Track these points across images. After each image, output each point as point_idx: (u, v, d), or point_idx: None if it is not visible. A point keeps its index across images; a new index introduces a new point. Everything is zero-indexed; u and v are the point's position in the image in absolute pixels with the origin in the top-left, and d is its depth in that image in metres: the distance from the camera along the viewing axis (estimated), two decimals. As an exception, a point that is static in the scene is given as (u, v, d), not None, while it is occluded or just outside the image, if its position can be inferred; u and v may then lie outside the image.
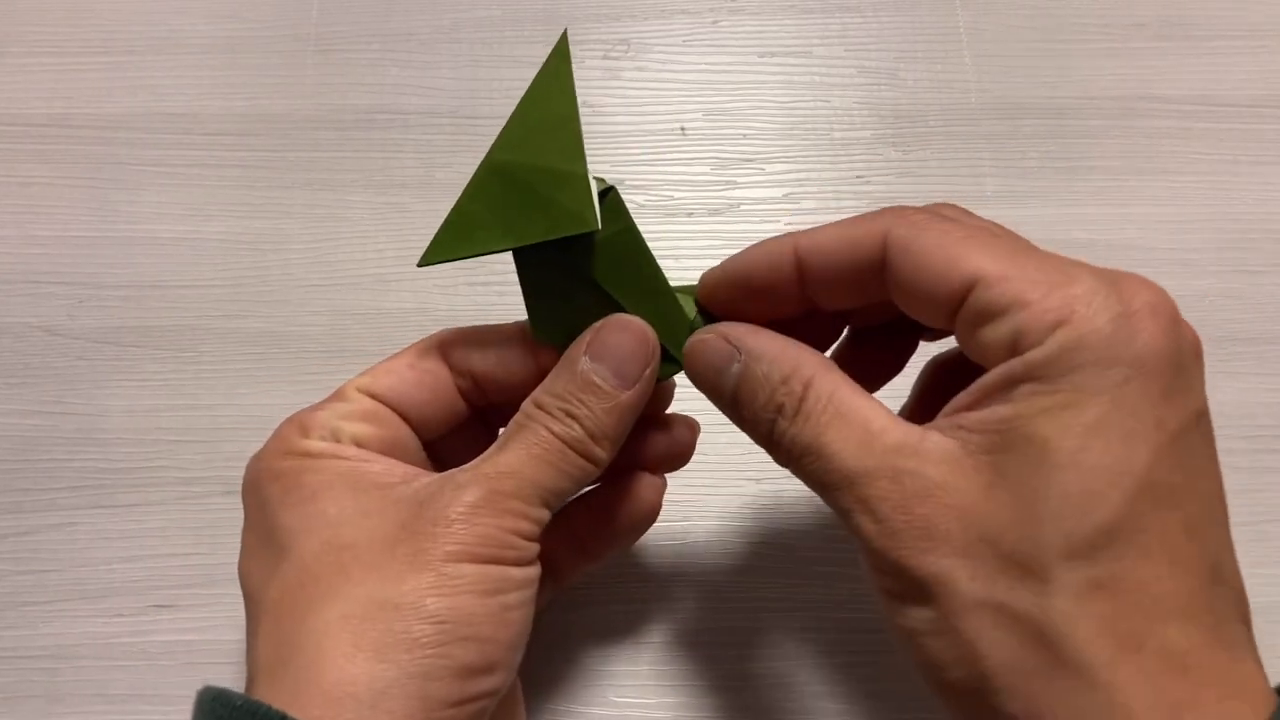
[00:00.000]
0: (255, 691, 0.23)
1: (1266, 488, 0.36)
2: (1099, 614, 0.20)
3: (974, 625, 0.21)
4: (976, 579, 0.21)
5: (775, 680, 0.34)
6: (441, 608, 0.23)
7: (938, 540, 0.22)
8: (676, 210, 0.41)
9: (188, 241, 0.40)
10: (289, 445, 0.26)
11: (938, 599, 0.21)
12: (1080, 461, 0.21)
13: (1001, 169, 0.41)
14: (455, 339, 0.28)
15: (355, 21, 0.44)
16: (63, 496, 0.37)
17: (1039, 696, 0.20)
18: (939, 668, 0.22)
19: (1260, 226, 0.40)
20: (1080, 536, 0.20)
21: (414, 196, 0.41)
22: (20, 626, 0.35)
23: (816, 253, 0.25)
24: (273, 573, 0.24)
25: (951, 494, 0.22)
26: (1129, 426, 0.21)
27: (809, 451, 0.24)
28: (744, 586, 0.35)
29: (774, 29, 0.44)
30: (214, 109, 0.42)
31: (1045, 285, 0.22)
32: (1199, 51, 0.43)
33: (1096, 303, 0.21)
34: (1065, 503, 0.20)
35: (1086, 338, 0.21)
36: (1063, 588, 0.20)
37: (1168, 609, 0.20)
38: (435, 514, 0.24)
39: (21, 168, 0.41)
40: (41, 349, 0.39)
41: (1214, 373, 0.37)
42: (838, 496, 0.23)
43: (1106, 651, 0.20)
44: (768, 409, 0.25)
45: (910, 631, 0.22)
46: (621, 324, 0.26)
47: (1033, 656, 0.20)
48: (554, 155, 0.25)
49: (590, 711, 0.34)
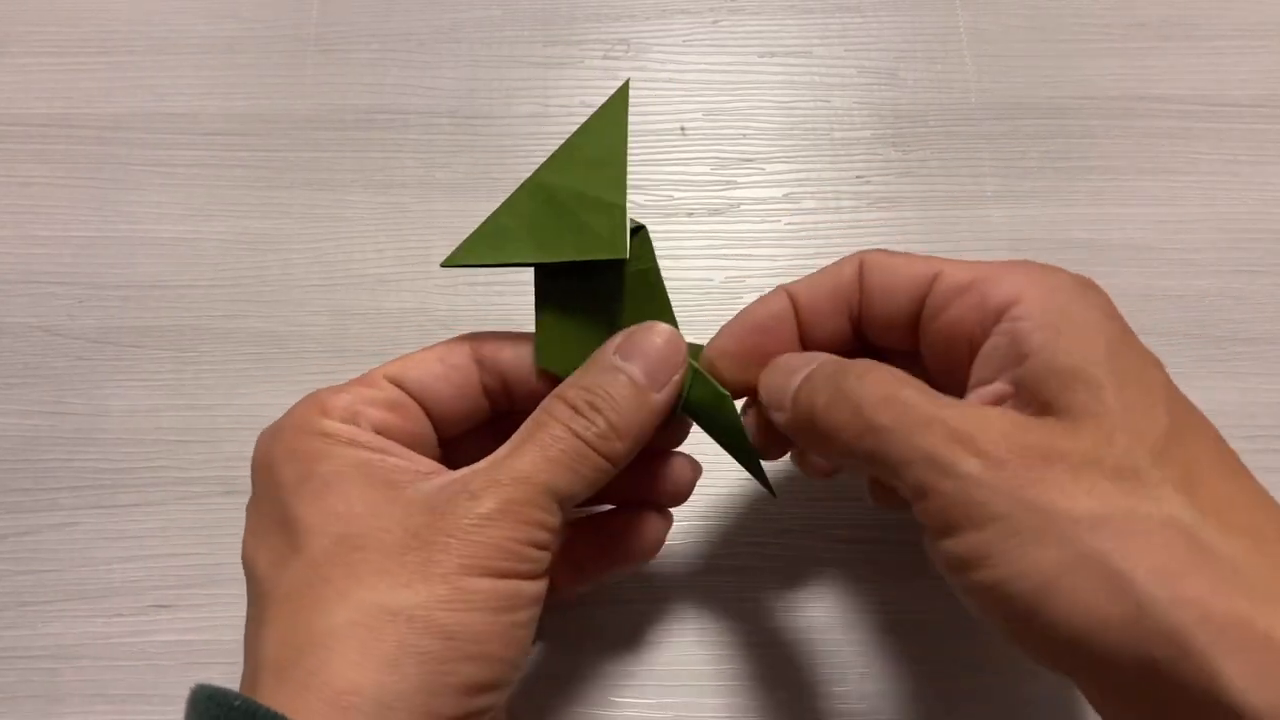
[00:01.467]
0: (259, 688, 0.22)
1: (1266, 487, 0.36)
2: (1210, 505, 0.21)
3: (1115, 541, 0.20)
4: (1095, 495, 0.21)
5: (776, 681, 0.34)
6: (452, 623, 0.22)
7: (1049, 465, 0.21)
8: (676, 210, 0.41)
9: (188, 241, 0.40)
10: (306, 423, 0.26)
11: (1068, 528, 0.20)
12: (1122, 382, 0.22)
13: (1001, 169, 0.41)
14: (489, 336, 0.29)
15: (355, 21, 0.44)
16: (63, 496, 0.37)
17: (1200, 597, 0.20)
18: (1088, 610, 0.20)
19: (1260, 226, 0.40)
20: (1156, 440, 0.21)
21: (414, 196, 0.41)
22: (20, 626, 0.35)
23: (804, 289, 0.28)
24: (283, 565, 0.24)
25: (1043, 426, 0.22)
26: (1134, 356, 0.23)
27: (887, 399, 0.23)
28: (744, 587, 0.35)
29: (774, 29, 0.44)
30: (214, 109, 0.42)
31: (1000, 265, 0.25)
32: (1199, 51, 0.43)
33: (1050, 272, 0.25)
34: (1130, 416, 0.22)
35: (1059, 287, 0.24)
36: (1170, 489, 0.21)
37: (1253, 501, 0.22)
38: (449, 523, 0.23)
39: (21, 168, 0.41)
40: (41, 349, 0.39)
41: (1214, 373, 0.38)
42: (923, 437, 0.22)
43: (1234, 539, 0.20)
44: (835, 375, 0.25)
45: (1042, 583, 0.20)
46: (653, 328, 0.27)
47: (1180, 556, 0.20)
48: (597, 185, 0.26)
49: (590, 712, 0.34)
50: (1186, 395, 0.24)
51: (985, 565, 0.21)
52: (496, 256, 0.27)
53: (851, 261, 0.28)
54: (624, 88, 0.26)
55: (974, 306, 0.25)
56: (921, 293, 0.26)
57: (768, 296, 0.29)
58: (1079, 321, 0.23)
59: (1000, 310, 0.24)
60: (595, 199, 0.26)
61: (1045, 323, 0.23)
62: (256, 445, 0.27)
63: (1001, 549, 0.21)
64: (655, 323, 0.27)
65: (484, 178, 0.41)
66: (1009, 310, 0.24)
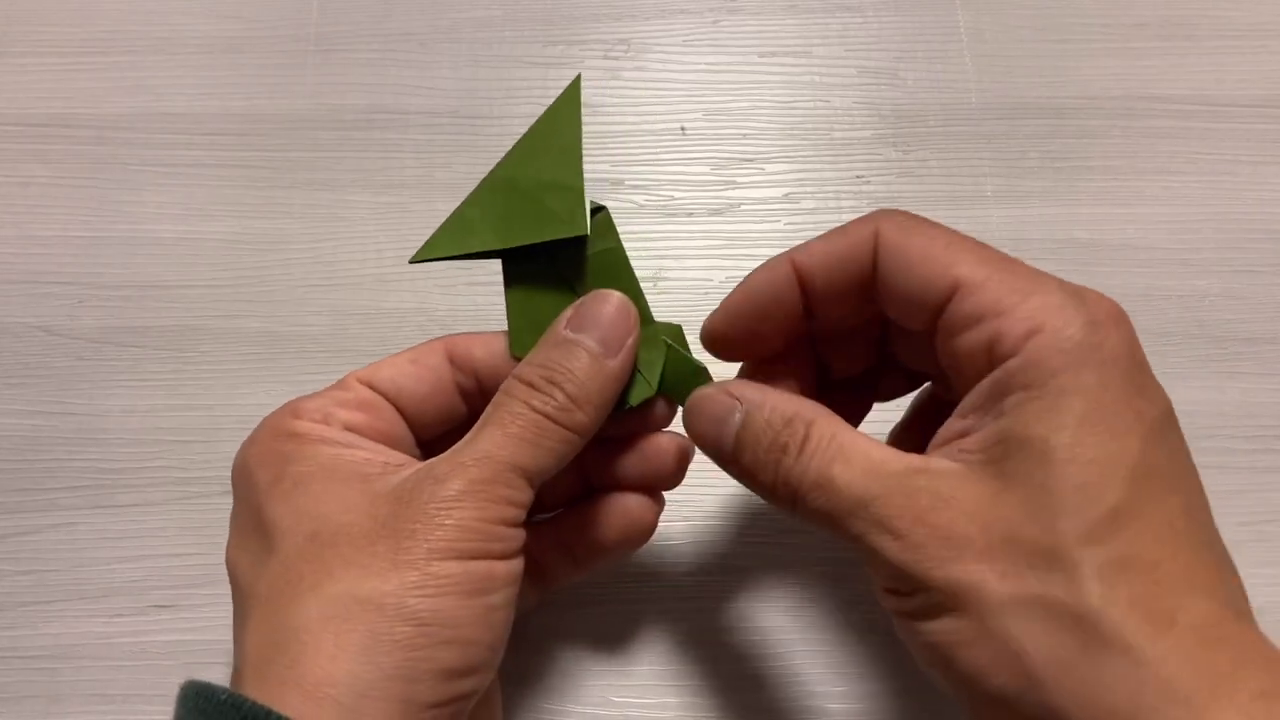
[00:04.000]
0: (242, 686, 0.22)
1: (1266, 488, 0.36)
2: (1128, 594, 0.21)
3: (1012, 624, 0.21)
4: (1006, 578, 0.21)
5: (776, 681, 0.34)
6: (424, 609, 0.22)
7: (961, 546, 0.22)
8: (676, 210, 0.41)
9: (188, 241, 0.40)
10: (279, 428, 0.26)
11: (970, 605, 0.21)
12: (1079, 454, 0.21)
13: (1001, 169, 0.41)
14: (460, 336, 0.29)
15: (355, 21, 0.44)
16: (63, 496, 0.37)
17: (1087, 683, 0.20)
18: (979, 677, 0.21)
19: (1260, 226, 0.40)
20: (1094, 521, 0.21)
21: (414, 196, 0.41)
22: (20, 626, 0.35)
23: (814, 261, 0.26)
24: (261, 566, 0.24)
25: (966, 502, 0.22)
26: (1114, 419, 0.22)
27: (817, 484, 0.24)
28: (743, 586, 0.35)
29: (774, 29, 0.44)
30: (214, 109, 0.42)
31: (1020, 293, 0.23)
32: (1199, 51, 0.43)
33: (1067, 312, 0.23)
34: (1075, 493, 0.21)
35: (1062, 343, 0.22)
36: (1090, 572, 0.21)
37: (1188, 585, 0.21)
38: (416, 510, 0.23)
39: (21, 168, 0.41)
40: (41, 349, 0.39)
41: (1214, 373, 0.38)
42: (851, 523, 0.23)
43: (1143, 629, 0.20)
44: (772, 450, 0.25)
45: (942, 646, 0.22)
46: (601, 296, 0.27)
47: (1075, 644, 0.20)
48: (554, 171, 0.27)
49: (590, 711, 0.34)
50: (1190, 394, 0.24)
51: (909, 617, 0.23)
52: (462, 247, 0.28)
53: (866, 227, 0.25)
54: (575, 81, 0.27)
55: (983, 346, 0.23)
56: (938, 305, 0.24)
57: (771, 267, 0.27)
58: (1065, 383, 0.22)
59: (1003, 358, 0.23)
60: (553, 182, 0.27)
61: (1029, 382, 0.22)
62: (235, 456, 0.27)
63: (920, 612, 0.22)
64: (601, 290, 0.27)
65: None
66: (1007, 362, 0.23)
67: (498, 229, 0.27)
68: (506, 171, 0.28)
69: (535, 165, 0.27)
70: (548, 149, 0.27)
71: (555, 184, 0.27)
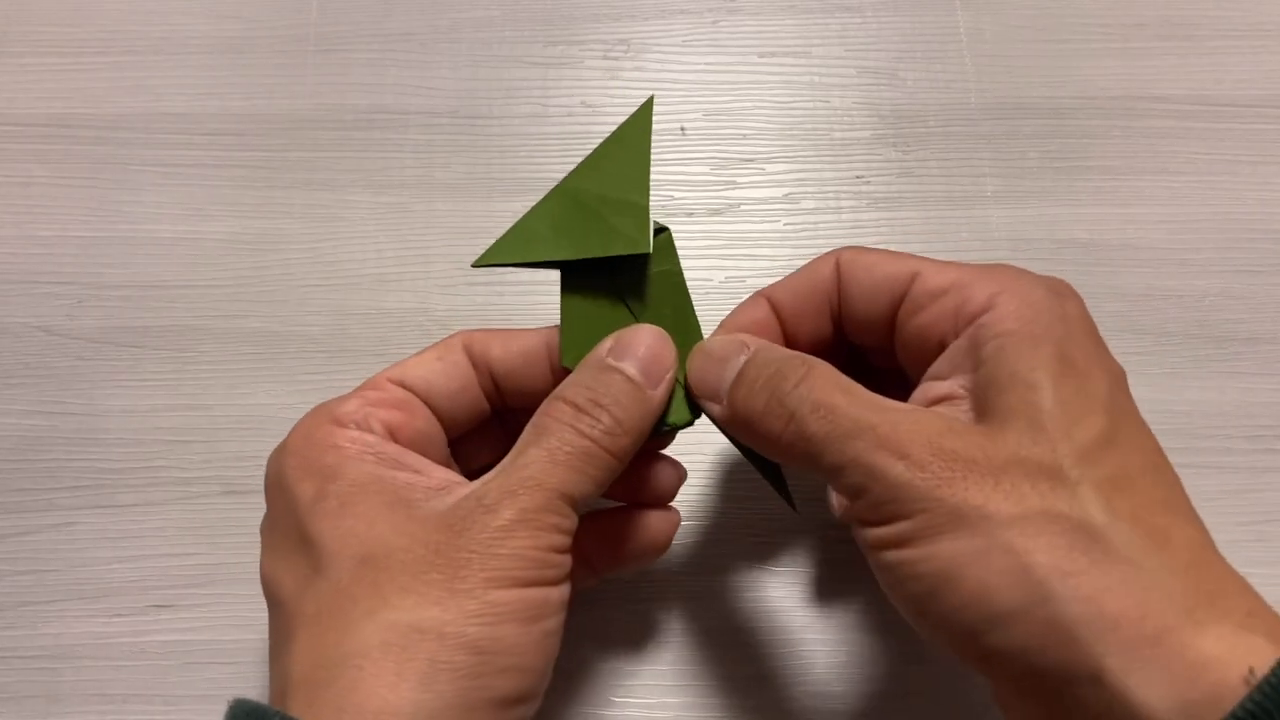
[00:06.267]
0: (290, 708, 0.22)
1: (1267, 487, 0.36)
2: (1126, 508, 0.22)
3: (1019, 538, 0.21)
4: (1010, 496, 0.22)
5: (777, 680, 0.34)
6: (483, 637, 0.22)
7: (967, 468, 0.22)
8: (676, 210, 0.41)
9: (188, 241, 0.40)
10: (317, 437, 0.26)
11: (977, 522, 0.22)
12: (1061, 387, 0.23)
13: (1001, 169, 0.41)
14: (476, 333, 0.29)
15: (355, 21, 0.44)
16: (63, 496, 0.37)
17: (1095, 592, 0.21)
18: (986, 594, 0.21)
19: (1260, 226, 0.40)
20: (1087, 443, 0.22)
21: (414, 196, 0.41)
22: (20, 626, 0.35)
23: (783, 292, 0.29)
24: (307, 585, 0.24)
25: (969, 431, 0.23)
26: (1084, 365, 0.24)
27: (816, 408, 0.24)
28: (745, 587, 0.35)
29: (773, 29, 0.44)
30: (214, 109, 0.42)
31: (978, 271, 0.26)
32: (1199, 51, 0.43)
33: (1027, 279, 0.25)
34: (1063, 418, 0.23)
35: (1030, 301, 0.24)
36: (1090, 489, 0.22)
37: (1173, 509, 0.23)
38: (469, 539, 0.23)
39: (21, 168, 0.41)
40: (41, 349, 0.39)
41: (1214, 373, 0.38)
42: (849, 444, 0.23)
43: (1145, 543, 0.21)
44: (773, 379, 0.25)
45: (942, 569, 0.22)
46: (641, 329, 0.27)
47: (1082, 555, 0.21)
48: (621, 188, 0.27)
49: (590, 711, 0.34)
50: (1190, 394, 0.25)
51: (900, 546, 0.23)
52: (525, 255, 0.28)
53: (828, 260, 0.28)
54: (648, 103, 0.28)
55: (949, 313, 0.25)
56: (900, 292, 0.27)
57: (746, 304, 0.29)
58: (1037, 331, 0.24)
59: (973, 317, 0.25)
60: (619, 200, 0.27)
61: (1005, 330, 0.24)
62: (268, 464, 0.27)
63: (917, 536, 0.22)
64: (643, 325, 0.27)
65: (484, 178, 0.41)
66: (978, 318, 0.25)
67: (561, 241, 0.28)
68: (573, 184, 0.28)
69: (602, 181, 0.28)
70: (615, 166, 0.28)
71: (621, 201, 0.27)
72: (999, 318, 0.24)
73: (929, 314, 0.26)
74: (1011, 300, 0.24)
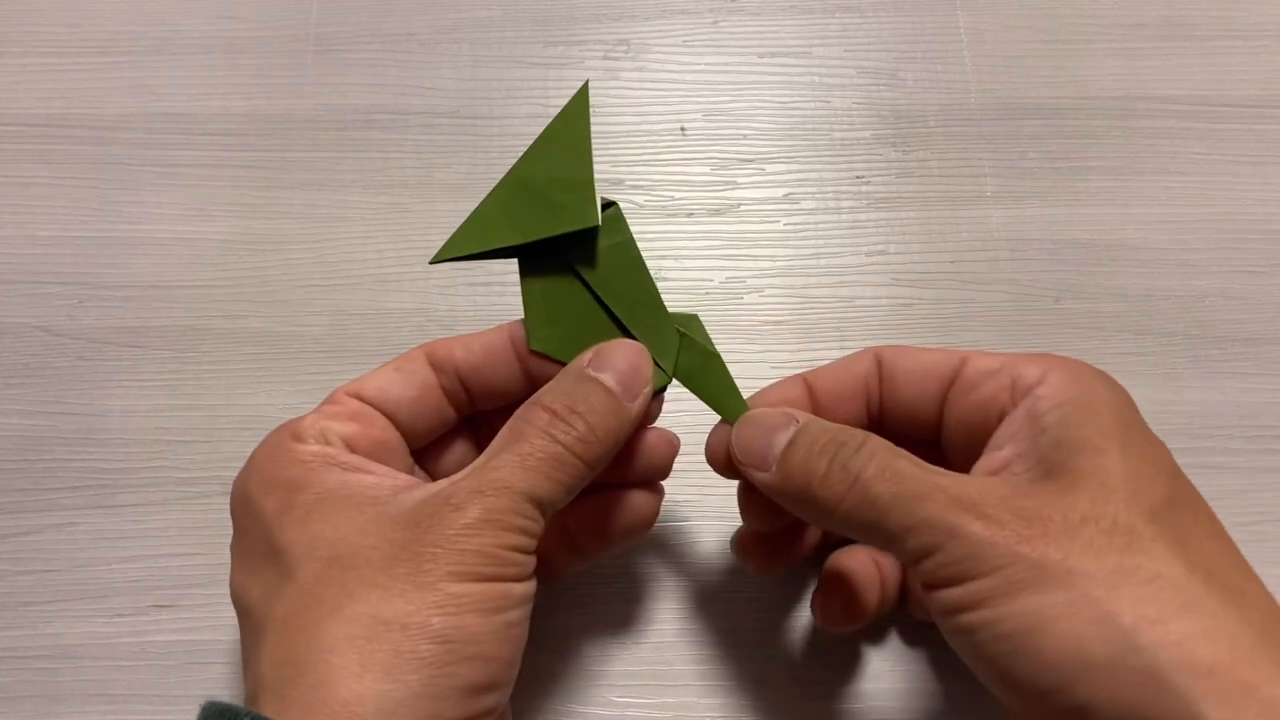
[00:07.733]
0: (262, 708, 0.22)
1: (1267, 488, 0.36)
2: (1201, 565, 0.22)
3: (1106, 589, 0.21)
4: (1090, 550, 0.22)
5: (776, 680, 0.34)
6: (447, 627, 0.23)
7: (1046, 524, 0.23)
8: (676, 210, 0.41)
9: (188, 241, 0.40)
10: (280, 453, 0.26)
11: (1063, 576, 0.22)
12: (1127, 452, 0.24)
13: (1001, 169, 0.41)
14: (440, 341, 0.29)
15: (355, 21, 0.44)
16: (63, 496, 0.37)
17: (1185, 640, 0.21)
18: (1075, 647, 0.21)
19: (1260, 226, 0.40)
20: (1154, 505, 0.23)
21: (414, 196, 0.41)
22: (20, 626, 0.35)
23: (826, 379, 0.29)
24: (275, 592, 0.24)
25: (1040, 493, 0.24)
26: (1144, 433, 0.25)
27: (885, 470, 0.24)
28: (744, 586, 0.35)
29: (774, 29, 0.44)
30: (214, 109, 0.42)
31: (1026, 355, 0.27)
32: (1199, 51, 0.43)
33: (1071, 360, 0.27)
34: (1132, 480, 0.23)
35: (1079, 377, 0.26)
36: (1164, 546, 0.22)
37: (1241, 570, 0.23)
38: (435, 534, 0.23)
39: (21, 168, 0.41)
40: (41, 349, 0.39)
41: (1214, 373, 0.38)
42: (921, 506, 0.24)
43: (1220, 595, 0.22)
44: (830, 446, 0.25)
45: (1027, 626, 0.22)
46: (621, 344, 0.28)
47: (1167, 604, 0.21)
48: (566, 168, 0.28)
49: (590, 711, 0.34)
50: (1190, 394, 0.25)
51: (980, 607, 0.23)
52: (481, 244, 0.28)
53: (865, 354, 0.29)
54: (584, 87, 0.29)
55: (1005, 387, 0.26)
56: (949, 376, 0.28)
57: (784, 383, 0.30)
58: (1095, 403, 0.25)
59: (1029, 389, 0.26)
60: (565, 179, 0.28)
61: (1063, 400, 0.25)
62: (234, 485, 0.27)
63: (999, 593, 0.22)
64: (622, 340, 0.28)
65: (484, 178, 0.41)
66: (1033, 390, 0.26)
67: (512, 226, 0.28)
68: (520, 172, 0.29)
69: (547, 164, 0.28)
70: (558, 149, 0.28)
71: (566, 180, 0.28)
72: (1056, 389, 0.25)
73: (985, 390, 0.27)
74: (1064, 374, 0.26)
